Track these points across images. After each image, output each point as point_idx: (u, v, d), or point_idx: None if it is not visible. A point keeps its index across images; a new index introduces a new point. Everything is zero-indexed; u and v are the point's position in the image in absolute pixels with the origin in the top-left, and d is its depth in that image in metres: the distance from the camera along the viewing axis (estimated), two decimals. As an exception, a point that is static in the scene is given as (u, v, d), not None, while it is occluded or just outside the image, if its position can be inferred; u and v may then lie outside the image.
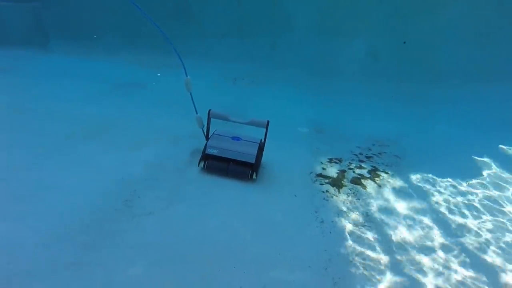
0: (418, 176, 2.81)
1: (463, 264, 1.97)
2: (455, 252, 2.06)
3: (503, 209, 2.49)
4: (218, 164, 2.58)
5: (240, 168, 2.55)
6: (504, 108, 3.84)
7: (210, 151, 2.59)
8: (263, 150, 2.70)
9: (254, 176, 2.55)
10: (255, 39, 4.76)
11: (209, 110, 2.64)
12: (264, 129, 2.58)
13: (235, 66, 4.69)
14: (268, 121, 2.56)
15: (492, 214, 2.42)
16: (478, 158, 3.11)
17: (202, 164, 2.60)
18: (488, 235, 2.22)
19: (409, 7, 4.30)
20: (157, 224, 2.05)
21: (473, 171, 2.93)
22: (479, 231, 2.25)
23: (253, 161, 2.53)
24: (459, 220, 2.35)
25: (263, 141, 2.68)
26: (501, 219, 2.38)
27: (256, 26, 4.74)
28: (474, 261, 2.01)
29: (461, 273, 1.91)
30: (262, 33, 4.72)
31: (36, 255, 1.72)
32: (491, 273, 1.94)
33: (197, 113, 2.66)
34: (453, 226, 2.29)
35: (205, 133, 2.74)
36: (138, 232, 1.97)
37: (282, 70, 4.50)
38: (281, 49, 4.71)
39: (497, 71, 4.06)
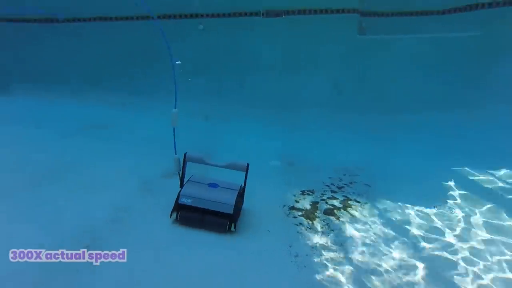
0: (389, 203, 2.83)
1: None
2: (433, 279, 2.04)
3: (472, 230, 2.53)
4: (192, 215, 2.32)
5: (217, 220, 2.31)
6: (455, 134, 4.06)
7: (183, 200, 2.34)
8: (243, 197, 2.49)
9: (232, 228, 2.32)
10: (222, 78, 4.85)
11: (185, 154, 2.44)
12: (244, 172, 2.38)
13: (204, 104, 4.70)
14: (248, 164, 2.36)
15: (461, 235, 2.45)
16: (442, 183, 3.20)
17: (174, 215, 2.35)
18: (460, 258, 2.23)
19: (367, 46, 4.62)
20: (119, 275, 1.89)
21: (437, 196, 2.98)
22: (451, 254, 2.27)
23: (231, 211, 2.30)
24: (434, 245, 2.35)
25: (243, 186, 2.47)
26: (471, 242, 2.41)
27: (223, 66, 4.84)
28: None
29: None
30: (229, 72, 4.82)
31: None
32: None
33: (176, 154, 2.46)
34: (429, 252, 2.29)
35: (180, 178, 2.51)
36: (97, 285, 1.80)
37: (250, 107, 4.56)
38: (248, 86, 4.82)
39: (444, 100, 4.39)
